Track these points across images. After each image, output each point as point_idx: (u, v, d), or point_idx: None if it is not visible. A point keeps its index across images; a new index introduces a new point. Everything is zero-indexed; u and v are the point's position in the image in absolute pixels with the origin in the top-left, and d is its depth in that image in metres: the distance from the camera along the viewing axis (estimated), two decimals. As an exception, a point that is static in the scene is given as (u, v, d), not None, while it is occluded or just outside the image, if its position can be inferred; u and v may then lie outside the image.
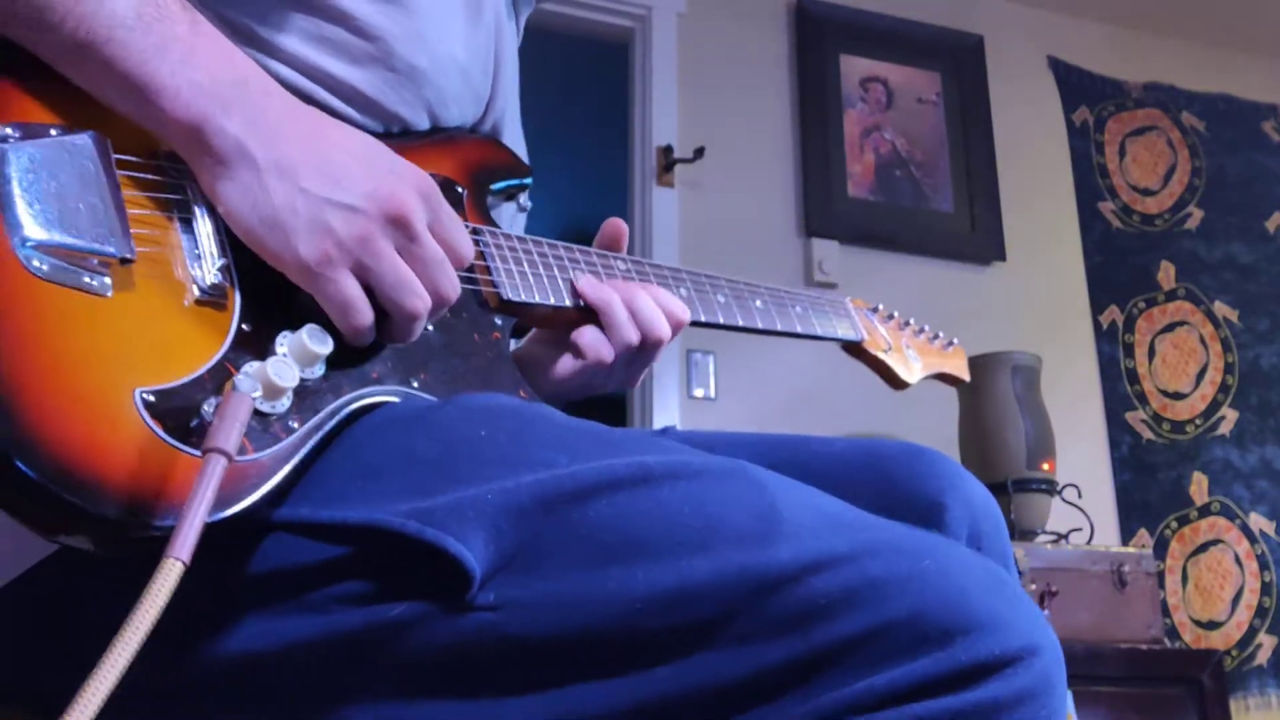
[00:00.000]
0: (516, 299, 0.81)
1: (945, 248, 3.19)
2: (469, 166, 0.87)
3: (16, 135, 0.59)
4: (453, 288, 0.70)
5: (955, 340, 1.24)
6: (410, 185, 0.67)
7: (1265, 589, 3.15)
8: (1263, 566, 3.17)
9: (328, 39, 0.77)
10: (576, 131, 4.23)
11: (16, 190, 0.57)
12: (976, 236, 3.25)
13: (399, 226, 0.66)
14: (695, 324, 0.94)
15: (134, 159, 0.64)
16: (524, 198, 0.94)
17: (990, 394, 2.68)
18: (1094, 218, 3.47)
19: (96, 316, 0.57)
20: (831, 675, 0.55)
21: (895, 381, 1.13)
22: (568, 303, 0.85)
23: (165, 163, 0.65)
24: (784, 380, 2.93)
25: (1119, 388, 3.30)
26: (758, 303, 1.00)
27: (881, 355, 1.11)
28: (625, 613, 0.56)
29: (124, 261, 0.59)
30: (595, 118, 4.07)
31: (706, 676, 0.56)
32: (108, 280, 0.58)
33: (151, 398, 0.56)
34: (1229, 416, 3.34)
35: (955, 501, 0.78)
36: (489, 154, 0.90)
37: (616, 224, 0.94)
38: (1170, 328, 3.42)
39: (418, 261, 0.67)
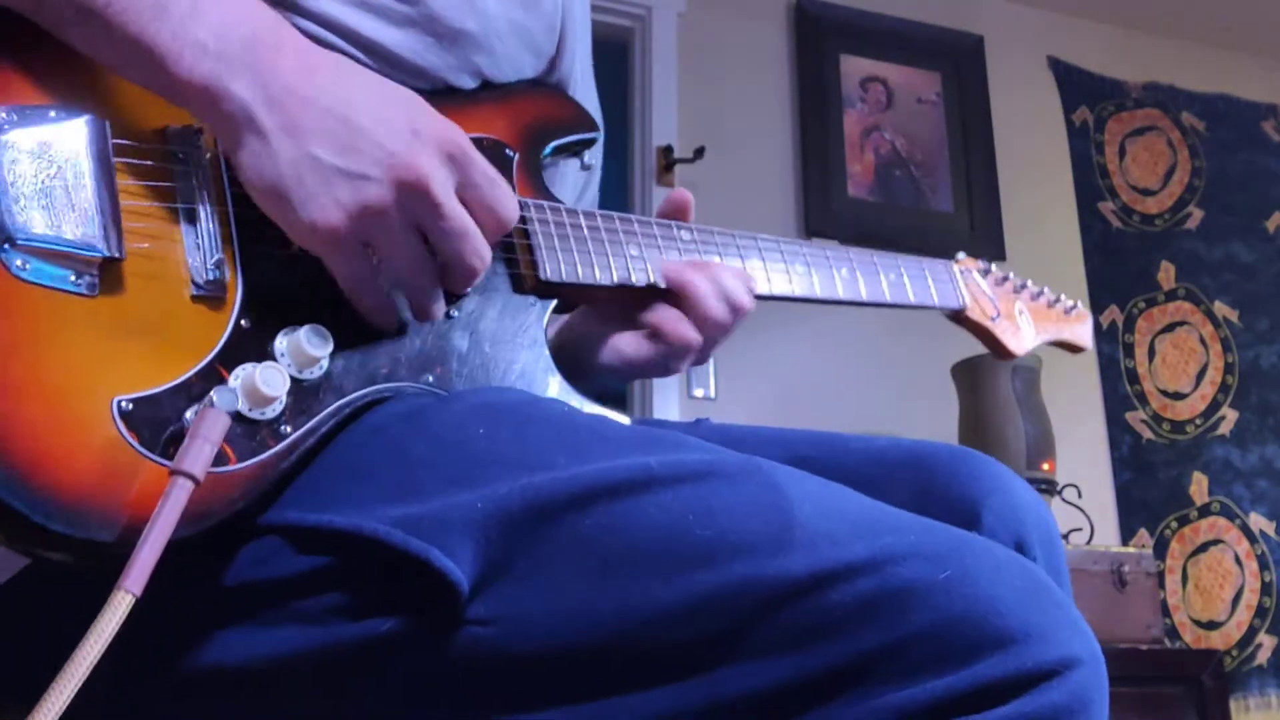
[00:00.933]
0: (557, 279, 0.74)
1: (945, 248, 3.17)
2: (524, 124, 0.80)
3: (13, 119, 0.56)
4: (479, 259, 0.64)
5: (1079, 303, 1.16)
6: (433, 147, 0.62)
7: (1265, 589, 3.15)
8: (1263, 566, 3.17)
9: (366, 2, 0.73)
10: (576, 131, 4.22)
11: (4, 184, 0.55)
12: (976, 236, 3.25)
13: (416, 195, 0.61)
14: (770, 297, 0.87)
15: (134, 143, 0.61)
16: (589, 155, 0.88)
17: (990, 394, 2.68)
18: (1094, 218, 3.47)
19: (80, 319, 0.55)
20: (848, 691, 0.52)
21: (1001, 351, 1.06)
22: (615, 282, 0.77)
23: (170, 146, 0.62)
24: (784, 380, 2.93)
25: (1119, 388, 3.30)
26: (843, 271, 0.91)
27: (987, 324, 1.04)
28: (624, 629, 0.54)
29: (113, 260, 0.56)
30: (595, 118, 4.07)
31: (711, 694, 0.53)
32: (95, 280, 0.56)
33: (129, 405, 0.54)
34: (1229, 416, 3.34)
35: (999, 506, 0.72)
36: (549, 108, 0.83)
37: (682, 196, 0.87)
38: (1170, 328, 3.42)
39: (438, 232, 0.63)
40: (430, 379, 0.67)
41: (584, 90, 0.92)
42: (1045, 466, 2.63)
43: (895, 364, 2.97)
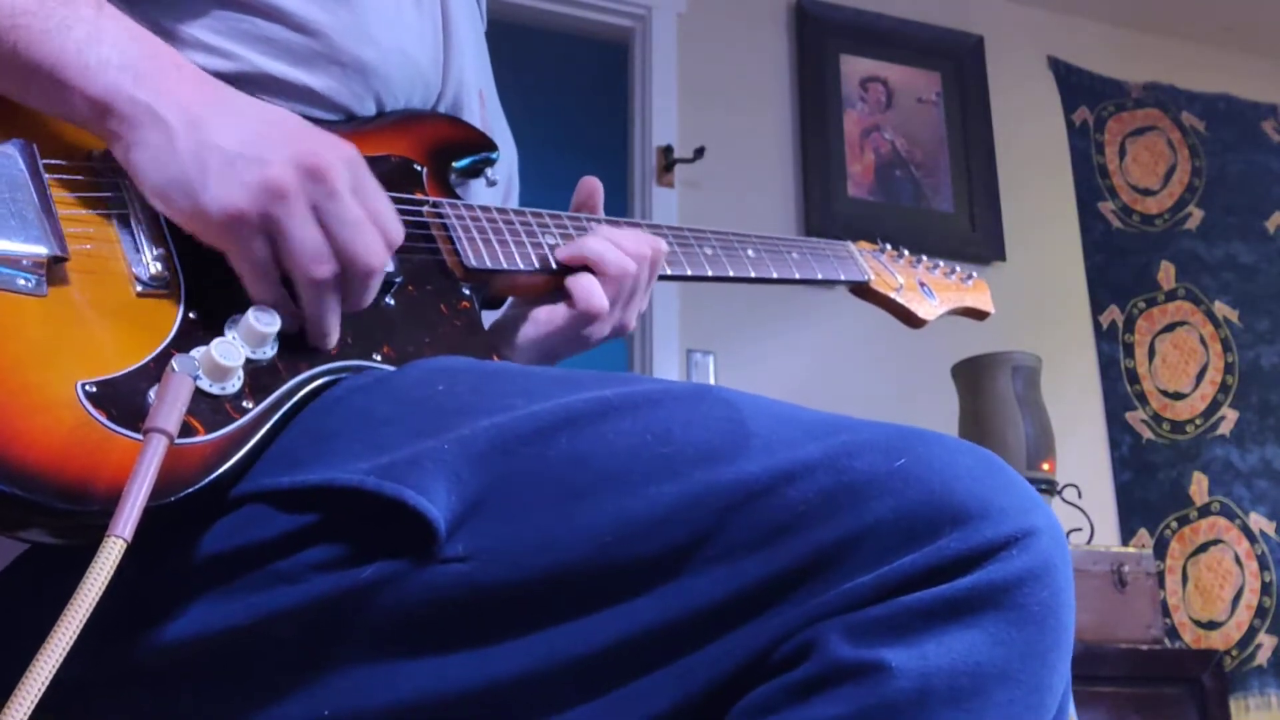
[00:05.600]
0: (481, 266, 0.79)
1: (945, 248, 3.18)
2: (427, 144, 0.85)
3: None
4: (371, 252, 0.66)
5: (974, 274, 1.18)
6: (332, 150, 0.65)
7: (1265, 589, 3.14)
8: (1263, 566, 3.17)
9: (268, 38, 0.77)
10: (576, 131, 4.22)
11: None
12: (976, 236, 3.25)
13: (316, 178, 0.63)
14: (681, 278, 0.92)
15: (64, 162, 0.64)
16: (491, 172, 0.92)
17: (990, 394, 2.68)
18: (1094, 218, 3.47)
19: (33, 316, 0.58)
20: (818, 582, 0.54)
21: (911, 320, 1.09)
22: (537, 267, 0.82)
23: (98, 163, 0.65)
24: (784, 380, 2.93)
25: (1119, 388, 3.30)
26: (749, 252, 0.97)
27: (892, 295, 1.07)
28: (595, 548, 0.55)
29: (57, 260, 0.59)
30: (595, 118, 4.07)
31: (688, 601, 0.55)
32: (44, 279, 0.59)
33: (94, 389, 0.57)
34: (1229, 416, 3.33)
35: None
36: (448, 131, 0.88)
37: (590, 182, 0.91)
38: (1170, 328, 3.42)
39: (335, 220, 0.64)
40: (378, 357, 0.70)
41: (491, 118, 0.97)
42: (1045, 466, 2.63)
43: (895, 364, 2.97)
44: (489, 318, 0.87)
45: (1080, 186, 3.49)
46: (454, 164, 0.87)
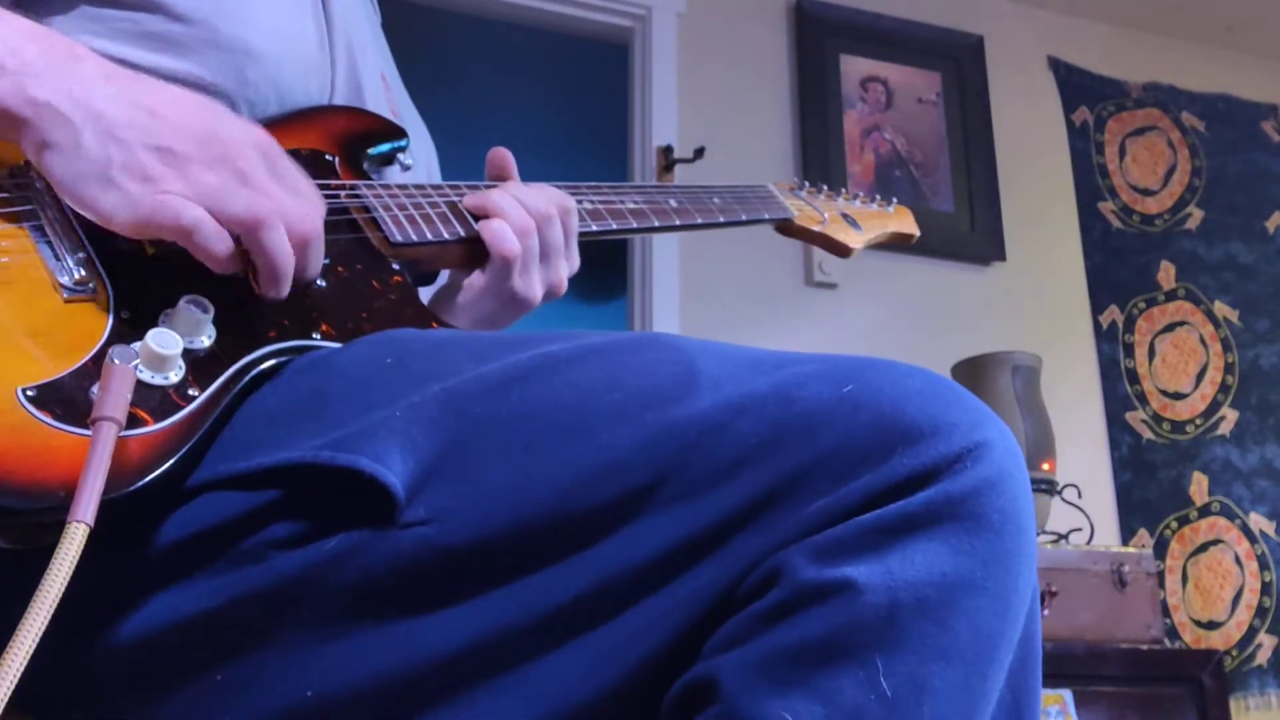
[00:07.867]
0: (406, 240, 0.80)
1: (945, 248, 3.19)
2: (336, 136, 0.86)
3: None
4: (303, 220, 0.66)
5: (895, 199, 1.23)
6: (243, 137, 0.65)
7: (1265, 589, 3.15)
8: (1263, 566, 3.17)
9: (149, 33, 0.77)
10: (576, 131, 4.23)
11: None
12: (976, 236, 3.25)
13: (228, 167, 0.63)
14: (608, 233, 0.93)
15: None
16: (404, 157, 0.92)
17: (990, 394, 2.68)
18: (1094, 218, 3.47)
19: None
20: (778, 511, 0.54)
21: (839, 249, 1.13)
22: (461, 234, 0.83)
23: (4, 180, 0.65)
24: (784, 380, 2.93)
25: (1119, 388, 3.30)
26: (671, 202, 0.98)
27: (817, 228, 1.11)
28: (556, 498, 0.56)
29: None
30: (595, 118, 4.07)
31: (653, 542, 0.55)
32: None
33: (34, 392, 0.57)
34: (1229, 416, 3.34)
35: None
36: (355, 122, 0.89)
37: (498, 154, 0.92)
38: (1170, 328, 3.42)
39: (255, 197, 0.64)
40: (318, 335, 0.70)
41: (399, 102, 0.97)
42: (1045, 466, 2.63)
43: (895, 364, 2.97)
44: (424, 295, 0.87)
45: (1080, 186, 3.49)
46: (367, 151, 0.88)
